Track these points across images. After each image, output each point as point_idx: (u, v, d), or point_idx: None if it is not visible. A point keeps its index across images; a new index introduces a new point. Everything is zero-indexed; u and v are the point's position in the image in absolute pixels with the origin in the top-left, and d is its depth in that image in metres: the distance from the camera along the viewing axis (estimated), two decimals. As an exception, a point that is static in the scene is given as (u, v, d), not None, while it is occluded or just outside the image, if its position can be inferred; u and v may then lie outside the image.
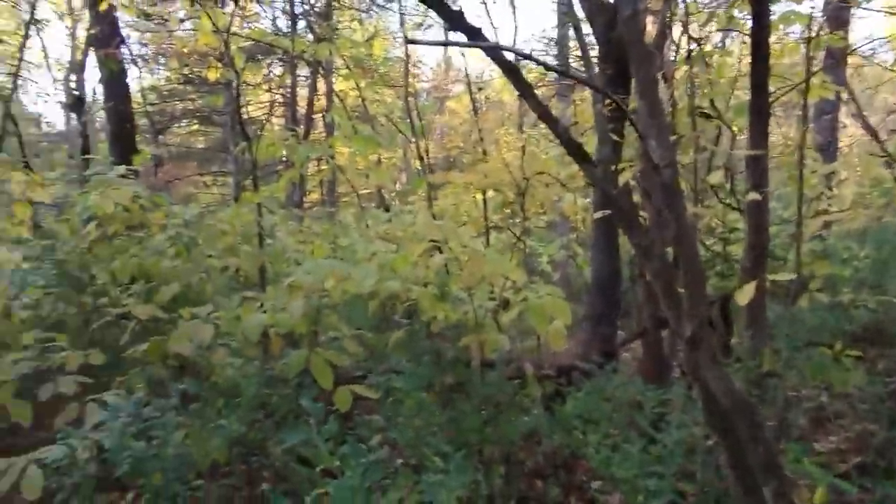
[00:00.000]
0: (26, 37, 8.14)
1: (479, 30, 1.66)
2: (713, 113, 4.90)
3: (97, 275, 4.28)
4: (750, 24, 3.26)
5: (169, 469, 2.13)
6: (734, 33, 6.16)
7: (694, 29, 5.84)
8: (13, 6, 8.14)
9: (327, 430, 2.06)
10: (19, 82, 9.23)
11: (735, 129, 5.01)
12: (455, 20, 1.64)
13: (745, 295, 2.64)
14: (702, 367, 1.59)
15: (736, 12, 5.28)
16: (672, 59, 5.06)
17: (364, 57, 11.00)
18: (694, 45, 4.85)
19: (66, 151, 9.71)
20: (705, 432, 2.34)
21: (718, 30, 5.43)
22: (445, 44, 2.07)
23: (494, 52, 1.68)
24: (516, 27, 14.16)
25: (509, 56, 1.67)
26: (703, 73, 5.23)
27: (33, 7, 8.01)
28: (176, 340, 3.05)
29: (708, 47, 5.92)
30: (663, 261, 1.61)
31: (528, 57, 1.67)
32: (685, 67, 4.80)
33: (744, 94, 4.72)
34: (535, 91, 1.76)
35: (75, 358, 3.21)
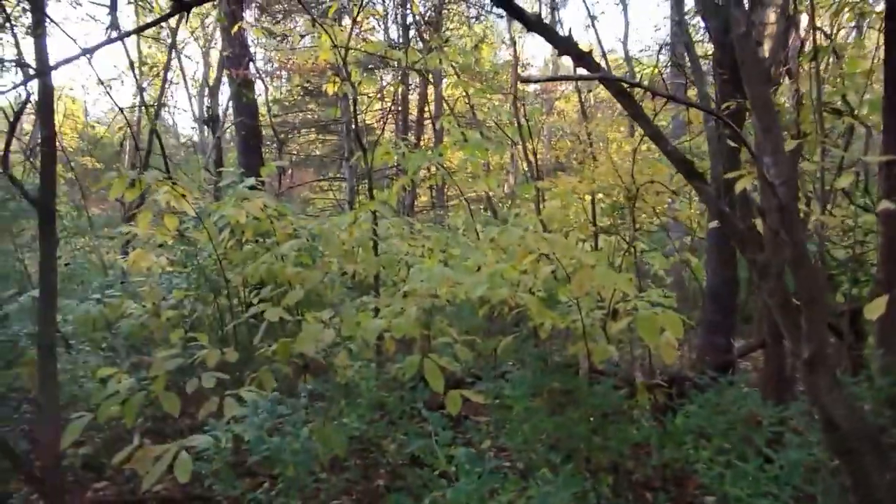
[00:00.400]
0: (169, 60, 9.00)
1: (588, 53, 1.70)
2: (844, 109, 4.57)
3: (231, 279, 4.69)
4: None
5: (298, 462, 2.34)
6: (871, 18, 5.68)
7: (822, 17, 5.45)
8: (156, 38, 9.06)
9: (444, 436, 2.18)
10: (163, 101, 10.23)
11: (870, 123, 4.64)
12: (563, 45, 1.69)
13: (875, 310, 2.48)
14: (821, 390, 1.55)
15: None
16: (797, 52, 4.76)
17: (472, 63, 11.16)
18: (820, 36, 4.54)
19: (201, 162, 10.63)
20: (828, 454, 2.23)
21: (851, 26, 5.04)
22: (555, 79, 2.10)
23: (604, 76, 1.72)
24: (627, 24, 13.83)
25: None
26: (833, 66, 4.89)
27: (174, 33, 8.85)
28: (301, 342, 3.31)
29: (840, 36, 5.50)
30: (779, 280, 1.57)
31: (637, 85, 1.68)
32: (812, 61, 4.51)
33: (881, 87, 4.36)
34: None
35: (214, 355, 3.55)
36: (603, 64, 9.30)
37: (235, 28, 7.39)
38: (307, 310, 4.06)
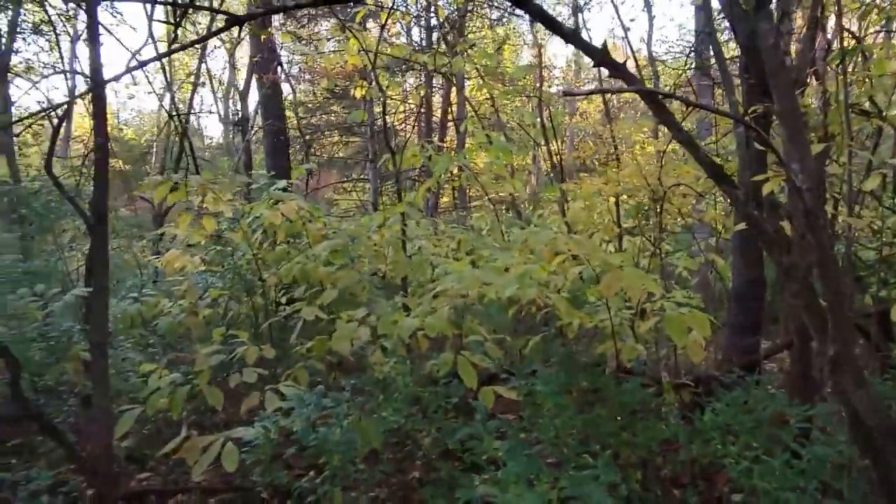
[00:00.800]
0: (199, 65, 9.22)
1: (623, 63, 1.79)
2: (873, 110, 4.57)
3: (266, 279, 4.84)
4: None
5: (341, 452, 2.46)
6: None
7: (851, 19, 5.44)
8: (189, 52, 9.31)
9: (490, 425, 2.28)
10: (193, 105, 10.47)
11: (899, 124, 4.63)
12: (599, 57, 1.77)
13: (901, 311, 2.53)
14: (846, 388, 1.62)
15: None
16: (824, 54, 4.77)
17: (496, 65, 11.22)
18: (848, 37, 4.54)
19: (229, 164, 10.85)
20: (856, 451, 2.28)
21: (878, 29, 5.03)
22: (597, 91, 2.17)
23: (641, 89, 1.80)
24: (651, 24, 13.84)
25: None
26: (861, 68, 4.89)
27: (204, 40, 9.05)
28: (337, 341, 3.43)
29: (868, 39, 5.49)
30: (805, 282, 1.64)
31: (673, 96, 1.76)
32: (839, 63, 4.51)
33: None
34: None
35: (253, 352, 3.69)
36: (629, 66, 9.30)
37: (264, 34, 7.56)
38: (340, 309, 4.18)
